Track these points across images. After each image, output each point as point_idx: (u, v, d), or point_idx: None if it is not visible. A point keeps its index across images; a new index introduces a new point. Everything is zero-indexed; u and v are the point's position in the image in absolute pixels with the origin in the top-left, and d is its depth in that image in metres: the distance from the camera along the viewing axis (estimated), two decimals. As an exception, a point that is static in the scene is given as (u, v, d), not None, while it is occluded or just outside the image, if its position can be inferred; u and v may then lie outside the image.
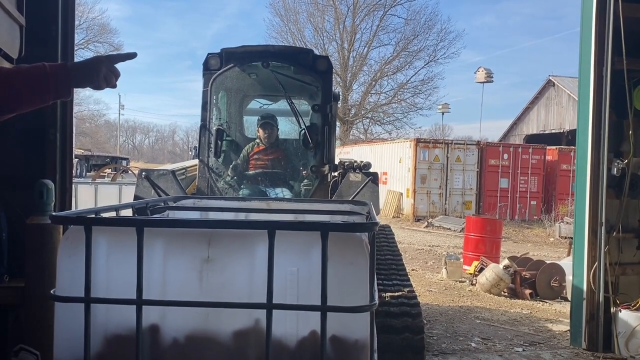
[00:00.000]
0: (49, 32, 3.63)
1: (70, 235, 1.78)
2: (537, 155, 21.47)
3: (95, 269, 1.72)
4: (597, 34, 5.52)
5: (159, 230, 1.77)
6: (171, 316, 1.77)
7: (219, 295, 1.73)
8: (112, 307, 1.74)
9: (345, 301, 1.69)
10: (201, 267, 1.76)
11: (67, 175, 3.75)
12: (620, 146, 5.78)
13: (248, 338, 1.76)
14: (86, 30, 39.57)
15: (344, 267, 1.73)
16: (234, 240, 1.79)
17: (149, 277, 1.73)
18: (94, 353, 1.74)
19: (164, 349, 1.77)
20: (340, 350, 1.74)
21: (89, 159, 32.78)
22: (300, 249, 1.75)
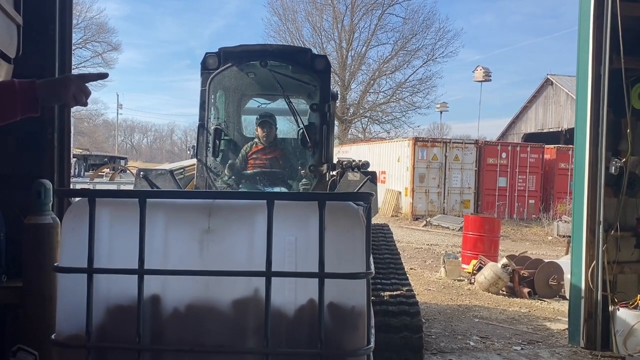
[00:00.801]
0: (46, 32, 3.62)
1: (74, 209, 1.81)
2: (535, 154, 21.49)
3: (98, 241, 1.75)
4: (595, 32, 5.52)
5: (161, 203, 1.80)
6: (172, 286, 1.80)
7: (219, 265, 1.77)
8: (114, 278, 1.77)
9: (342, 269, 1.74)
10: (202, 238, 1.79)
11: (64, 175, 3.74)
12: (618, 145, 5.80)
13: (247, 307, 1.79)
14: (84, 30, 39.52)
15: (340, 236, 1.77)
16: (234, 212, 1.82)
17: (151, 248, 1.76)
18: (96, 324, 1.77)
19: (165, 319, 1.80)
20: (338, 317, 1.78)
21: (87, 159, 32.75)
22: (298, 220, 1.79)
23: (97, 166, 26.57)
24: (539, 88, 32.86)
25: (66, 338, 1.79)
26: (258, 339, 1.75)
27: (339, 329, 1.78)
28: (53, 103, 1.97)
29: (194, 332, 1.80)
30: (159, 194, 1.84)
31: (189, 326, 1.80)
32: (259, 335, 1.75)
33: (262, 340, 1.72)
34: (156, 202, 1.78)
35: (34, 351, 3.02)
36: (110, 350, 1.79)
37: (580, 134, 5.76)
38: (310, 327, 1.77)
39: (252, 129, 5.77)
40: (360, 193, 1.95)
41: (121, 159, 38.35)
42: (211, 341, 1.79)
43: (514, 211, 21.05)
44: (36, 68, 3.54)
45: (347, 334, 1.80)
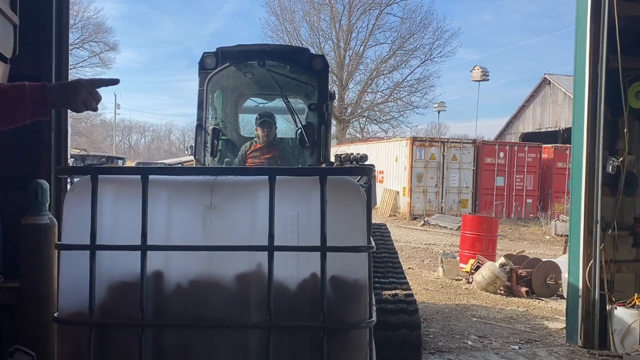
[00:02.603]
0: (43, 31, 3.62)
1: (77, 187, 1.81)
2: (533, 153, 21.52)
3: (100, 218, 1.76)
4: (592, 32, 5.53)
5: (163, 180, 1.80)
6: (175, 262, 1.81)
7: (222, 241, 1.77)
8: (117, 255, 1.78)
9: (343, 243, 1.76)
10: (205, 214, 1.80)
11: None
12: (616, 144, 5.80)
13: (250, 282, 1.80)
14: (81, 30, 39.40)
15: (341, 211, 1.79)
16: (236, 188, 1.84)
17: (154, 224, 1.76)
18: (99, 301, 1.77)
19: (168, 295, 1.80)
20: (340, 290, 1.79)
21: (85, 159, 32.66)
22: (300, 195, 1.81)
23: (94, 166, 26.54)
24: (537, 87, 32.90)
25: (69, 315, 1.79)
26: (261, 313, 1.76)
27: (341, 302, 1.79)
28: (63, 107, 1.96)
29: (197, 307, 1.80)
30: (162, 171, 1.84)
31: (192, 302, 1.80)
32: (262, 310, 1.75)
33: (265, 314, 1.73)
34: (159, 180, 1.79)
35: (31, 352, 3.02)
36: (113, 327, 1.79)
37: (578, 134, 5.77)
38: (312, 301, 1.78)
39: (250, 129, 5.77)
40: (361, 167, 1.96)
41: (119, 159, 38.19)
42: (214, 316, 1.79)
43: (511, 210, 21.08)
44: (33, 68, 3.53)
45: (349, 307, 1.81)
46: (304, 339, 1.79)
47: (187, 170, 2.11)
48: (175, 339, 1.80)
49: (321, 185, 1.73)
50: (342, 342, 1.79)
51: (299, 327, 1.79)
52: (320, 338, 1.72)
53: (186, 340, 1.80)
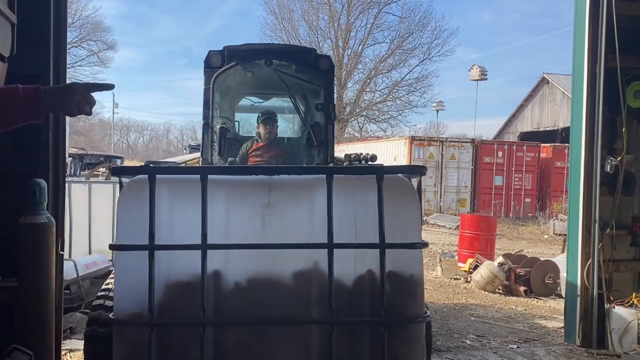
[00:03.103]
0: (40, 30, 3.60)
1: (132, 186, 1.82)
2: (531, 152, 21.54)
3: (156, 218, 1.75)
4: (591, 31, 5.53)
5: (220, 179, 1.82)
6: (234, 261, 1.83)
7: (281, 239, 1.81)
8: (174, 255, 1.78)
9: (399, 240, 1.80)
10: (263, 212, 1.85)
11: (60, 174, 3.72)
12: (614, 143, 5.81)
13: (309, 279, 1.84)
14: (79, 29, 39.31)
15: (396, 208, 1.84)
16: (293, 187, 1.89)
17: (212, 224, 1.77)
18: (157, 301, 1.77)
19: (227, 293, 1.82)
20: (398, 285, 1.84)
21: (83, 158, 32.56)
22: (356, 193, 1.85)
23: (93, 165, 26.44)
24: (535, 87, 32.90)
25: (128, 316, 1.79)
26: (320, 309, 1.80)
27: (399, 297, 1.83)
28: (57, 111, 1.94)
29: (256, 305, 1.82)
30: (220, 170, 1.93)
31: (251, 300, 1.82)
32: (320, 306, 1.80)
33: (324, 310, 1.76)
34: (216, 179, 1.80)
35: (29, 351, 3.01)
36: (172, 326, 1.79)
37: (576, 133, 5.77)
38: (370, 297, 1.82)
39: (247, 127, 5.74)
40: (415, 166, 2.00)
41: (117, 158, 38.11)
42: (273, 313, 1.82)
43: (510, 210, 21.08)
44: (30, 67, 3.52)
45: (407, 302, 1.86)
46: (362, 333, 1.83)
47: (245, 169, 2.15)
48: (235, 337, 1.83)
49: (378, 183, 1.78)
50: (401, 336, 1.84)
51: (360, 322, 1.83)
52: (380, 332, 1.76)
53: (246, 337, 1.82)
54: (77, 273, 6.69)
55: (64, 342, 5.46)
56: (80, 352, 5.57)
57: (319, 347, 1.81)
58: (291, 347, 1.84)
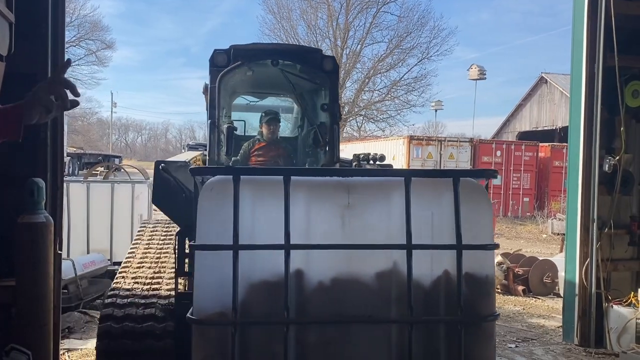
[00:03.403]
0: (39, 29, 3.60)
1: (214, 187, 1.84)
2: (529, 152, 21.55)
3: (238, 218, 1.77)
4: (589, 31, 5.53)
5: (301, 180, 1.87)
6: (315, 261, 1.87)
7: (360, 239, 1.87)
8: (256, 255, 1.81)
9: (473, 241, 1.87)
10: (342, 213, 1.89)
11: (58, 173, 3.72)
12: (612, 143, 5.81)
13: (389, 279, 1.89)
14: (78, 28, 39.28)
15: (470, 211, 1.91)
16: (371, 188, 1.94)
17: (293, 224, 1.81)
18: (240, 300, 1.79)
19: (310, 293, 1.86)
20: (473, 286, 1.91)
21: (81, 157, 32.58)
22: (431, 196, 1.92)
23: (91, 165, 26.43)
24: (534, 86, 32.92)
25: (209, 316, 1.80)
26: (398, 308, 1.86)
27: (474, 297, 1.91)
28: (41, 121, 1.88)
29: (337, 304, 1.87)
30: (301, 172, 1.95)
31: (332, 299, 1.87)
32: (398, 305, 1.86)
33: (402, 309, 1.83)
34: (297, 180, 1.85)
35: (27, 351, 3.01)
36: (253, 325, 1.82)
37: (575, 132, 5.77)
38: (446, 296, 1.89)
39: (241, 127, 5.72)
40: (488, 170, 2.11)
41: (115, 157, 38.16)
42: (354, 312, 1.87)
43: (508, 209, 21.10)
44: (28, 66, 3.52)
45: (482, 301, 1.94)
46: (438, 332, 1.90)
47: (326, 171, 2.21)
48: (316, 335, 1.87)
49: (454, 186, 1.86)
50: (476, 334, 1.92)
51: (439, 321, 1.90)
52: (457, 331, 1.84)
53: (328, 336, 1.87)
54: (75, 272, 6.69)
55: (62, 341, 5.46)
56: (78, 351, 5.56)
57: (398, 345, 1.87)
58: (371, 346, 1.90)
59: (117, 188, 8.87)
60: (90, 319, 6.48)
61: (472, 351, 1.87)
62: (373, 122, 34.86)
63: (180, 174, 3.95)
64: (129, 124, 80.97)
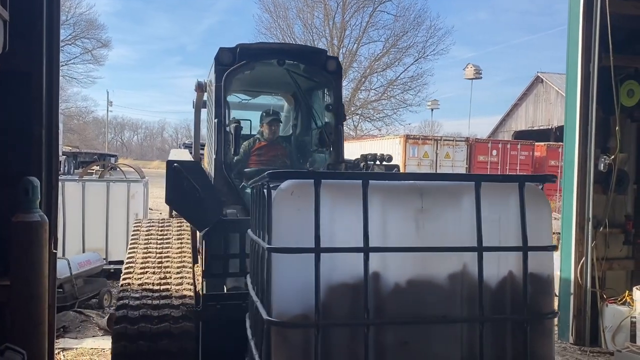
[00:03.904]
0: (34, 27, 3.58)
1: (295, 189, 1.88)
2: (525, 151, 21.61)
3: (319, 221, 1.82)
4: (584, 30, 5.55)
5: (378, 185, 1.93)
6: (391, 263, 1.94)
7: (433, 242, 1.95)
8: (334, 257, 1.85)
9: (535, 243, 1.98)
10: (416, 217, 1.97)
11: (53, 172, 3.71)
12: (607, 142, 5.83)
13: (460, 280, 1.99)
14: (73, 26, 39.15)
15: (531, 214, 2.01)
16: (442, 192, 2.02)
17: (370, 227, 1.87)
18: (320, 302, 1.84)
19: (387, 294, 1.93)
20: (537, 285, 2.03)
21: (76, 156, 32.51)
22: (497, 199, 2.02)
23: (86, 164, 26.37)
24: (530, 86, 33.01)
25: (292, 318, 1.84)
26: (467, 307, 1.97)
27: (537, 295, 2.02)
28: None
29: (413, 305, 1.95)
30: (378, 177, 2.00)
31: (408, 300, 1.95)
32: (467, 305, 1.96)
33: (471, 309, 1.94)
34: (374, 185, 1.91)
35: (21, 350, 3.00)
36: (334, 327, 1.88)
37: (570, 132, 5.79)
38: (511, 296, 2.00)
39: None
40: (548, 175, 2.19)
41: (111, 156, 38.09)
42: (430, 312, 1.96)
43: (504, 208, 21.15)
44: (23, 64, 3.50)
45: (544, 299, 2.06)
46: (505, 329, 2.01)
47: (397, 176, 2.30)
48: (394, 336, 1.94)
49: (520, 191, 1.97)
50: (539, 331, 2.04)
51: (508, 319, 2.01)
52: (522, 328, 1.96)
53: (405, 336, 1.94)
54: (70, 271, 6.67)
55: (57, 340, 5.44)
56: (73, 350, 5.55)
57: (468, 344, 1.97)
58: (445, 344, 1.98)
59: (113, 187, 8.85)
60: (85, 318, 6.47)
61: (536, 347, 2.00)
62: (369, 121, 34.90)
63: (192, 174, 3.87)
64: (125, 122, 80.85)
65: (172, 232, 5.22)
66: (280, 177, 1.97)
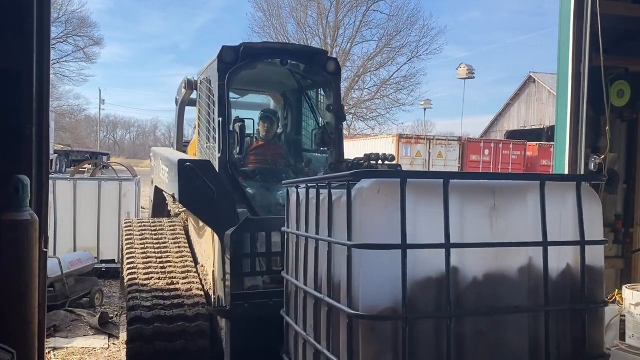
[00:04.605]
0: (24, 25, 3.56)
1: (382, 187, 1.97)
2: (517, 150, 21.74)
3: (397, 219, 1.91)
4: (575, 31, 5.57)
5: (455, 184, 2.04)
6: (468, 258, 2.06)
7: (505, 237, 2.09)
8: (417, 253, 1.96)
9: (589, 237, 2.17)
10: (490, 214, 2.11)
11: (43, 170, 3.68)
12: (598, 142, 5.87)
13: (527, 272, 2.13)
14: (65, 24, 38.92)
15: (586, 210, 2.18)
16: (511, 191, 2.16)
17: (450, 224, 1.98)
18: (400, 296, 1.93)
19: (464, 287, 2.06)
20: (592, 276, 2.22)
21: (68, 155, 32.35)
22: (557, 196, 2.17)
23: (78, 162, 26.22)
24: (522, 85, 33.18)
25: (381, 311, 1.93)
26: (532, 298, 2.12)
27: (592, 286, 2.21)
28: None
29: (489, 297, 2.08)
30: (456, 176, 2.19)
31: (484, 292, 2.08)
32: (532, 295, 2.12)
33: (536, 299, 2.10)
34: (452, 183, 2.02)
35: (11, 349, 2.98)
36: (418, 320, 1.99)
37: (561, 131, 5.82)
38: (570, 286, 2.18)
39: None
40: (597, 175, 2.40)
41: (103, 154, 37.93)
42: (503, 303, 2.10)
43: (496, 207, 21.25)
44: (13, 62, 3.48)
45: (597, 289, 2.26)
46: (564, 318, 2.19)
47: (476, 175, 2.53)
48: (472, 326, 2.06)
49: (577, 189, 2.16)
50: (593, 319, 2.23)
51: (569, 309, 2.19)
52: (580, 316, 2.16)
53: (481, 326, 2.08)
54: (61, 270, 6.64)
55: (48, 339, 5.42)
56: (64, 349, 5.53)
57: (533, 331, 2.14)
58: (515, 332, 2.12)
59: (104, 185, 8.81)
60: (76, 317, 6.45)
61: (591, 333, 2.20)
62: (362, 121, 34.96)
63: (204, 172, 3.80)
64: (117, 121, 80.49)
65: (167, 235, 5.22)
66: (370, 176, 2.07)
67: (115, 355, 5.49)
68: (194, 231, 5.17)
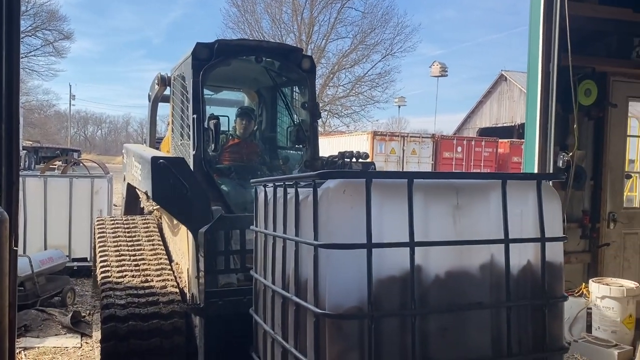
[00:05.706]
0: (-8, 19, 3.48)
1: (347, 188, 1.99)
2: (489, 148, 22.08)
3: (363, 219, 1.93)
4: (545, 31, 5.70)
5: (420, 183, 2.06)
6: (432, 256, 2.10)
7: (468, 236, 2.13)
8: (382, 252, 1.98)
9: (549, 234, 2.22)
10: (454, 212, 2.14)
11: (13, 167, 3.61)
12: (566, 139, 6.03)
13: (489, 269, 2.18)
14: (34, 17, 38.01)
15: (546, 207, 2.23)
16: (474, 190, 2.20)
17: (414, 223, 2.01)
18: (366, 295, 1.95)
19: (429, 285, 2.09)
20: (552, 272, 2.27)
21: (37, 151, 31.64)
22: (519, 195, 2.22)
23: (48, 159, 25.67)
24: (494, 84, 33.68)
25: (347, 310, 1.95)
26: (494, 294, 2.17)
27: (552, 281, 2.26)
28: None
29: (451, 294, 2.12)
30: (421, 175, 2.11)
31: (447, 290, 2.11)
32: (494, 292, 2.17)
33: (498, 295, 2.15)
34: (417, 183, 2.04)
35: (-19, 350, 2.93)
36: (383, 318, 2.00)
37: (531, 129, 5.95)
38: (531, 282, 2.23)
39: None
40: (557, 173, 2.43)
41: (74, 151, 37.19)
42: (465, 300, 2.14)
43: (469, 204, 21.56)
44: (-18, 57, 3.40)
45: (557, 285, 2.30)
46: (525, 313, 2.24)
47: (440, 174, 2.53)
48: (436, 323, 2.10)
49: (537, 187, 2.20)
50: (553, 313, 2.28)
51: (530, 304, 2.24)
52: (540, 311, 2.22)
53: (445, 323, 2.11)
54: (32, 269, 6.51)
55: (19, 340, 5.33)
56: (35, 349, 5.44)
57: (495, 326, 2.19)
58: (478, 328, 2.17)
59: (76, 183, 8.66)
60: (47, 317, 6.34)
61: (551, 327, 2.25)
62: (338, 118, 35.08)
63: (180, 171, 3.77)
64: (89, 117, 79.07)
65: (140, 233, 5.17)
66: (335, 177, 2.06)
67: (89, 354, 5.42)
68: (168, 229, 5.14)
